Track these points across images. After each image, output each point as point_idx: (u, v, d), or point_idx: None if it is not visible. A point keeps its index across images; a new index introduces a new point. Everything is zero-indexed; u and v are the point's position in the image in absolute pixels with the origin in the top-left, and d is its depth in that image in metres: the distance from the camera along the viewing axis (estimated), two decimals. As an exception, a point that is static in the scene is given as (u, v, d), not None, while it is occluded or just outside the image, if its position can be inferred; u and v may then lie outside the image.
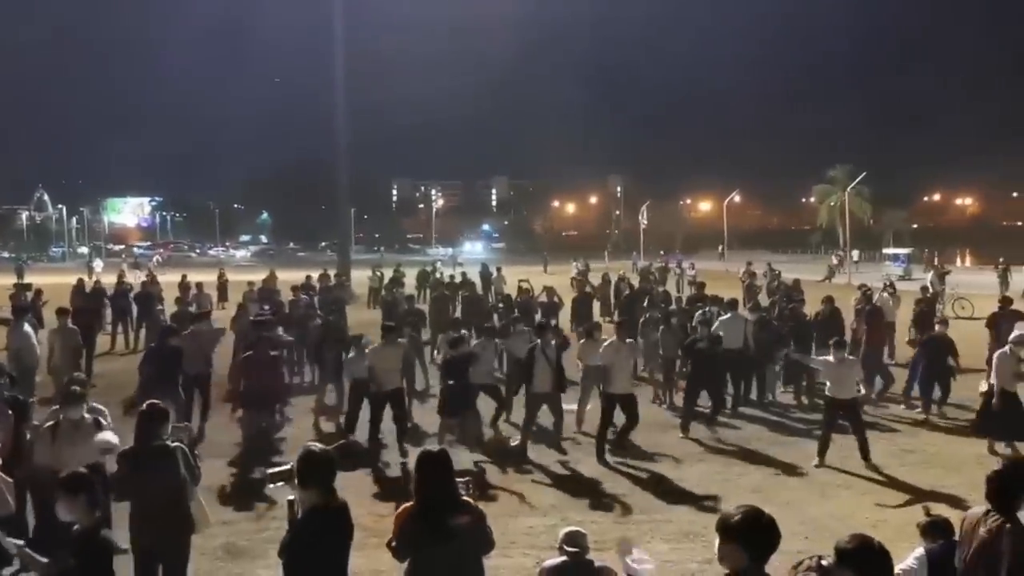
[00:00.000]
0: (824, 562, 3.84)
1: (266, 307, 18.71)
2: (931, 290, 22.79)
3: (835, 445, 11.69)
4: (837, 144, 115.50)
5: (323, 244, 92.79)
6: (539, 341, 11.87)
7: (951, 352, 13.31)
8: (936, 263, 35.03)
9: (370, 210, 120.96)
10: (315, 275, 26.78)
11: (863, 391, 11.97)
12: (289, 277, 28.66)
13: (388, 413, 11.58)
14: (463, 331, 13.59)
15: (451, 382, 11.35)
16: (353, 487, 9.55)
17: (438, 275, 31.46)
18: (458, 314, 20.38)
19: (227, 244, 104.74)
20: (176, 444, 6.29)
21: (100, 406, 8.09)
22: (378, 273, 31.38)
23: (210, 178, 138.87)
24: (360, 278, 32.97)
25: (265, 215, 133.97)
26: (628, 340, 12.18)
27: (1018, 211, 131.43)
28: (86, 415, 7.43)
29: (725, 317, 14.42)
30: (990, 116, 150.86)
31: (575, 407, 12.59)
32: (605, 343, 11.97)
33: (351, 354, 12.51)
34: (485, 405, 12.26)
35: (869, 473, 10.46)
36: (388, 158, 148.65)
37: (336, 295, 22.97)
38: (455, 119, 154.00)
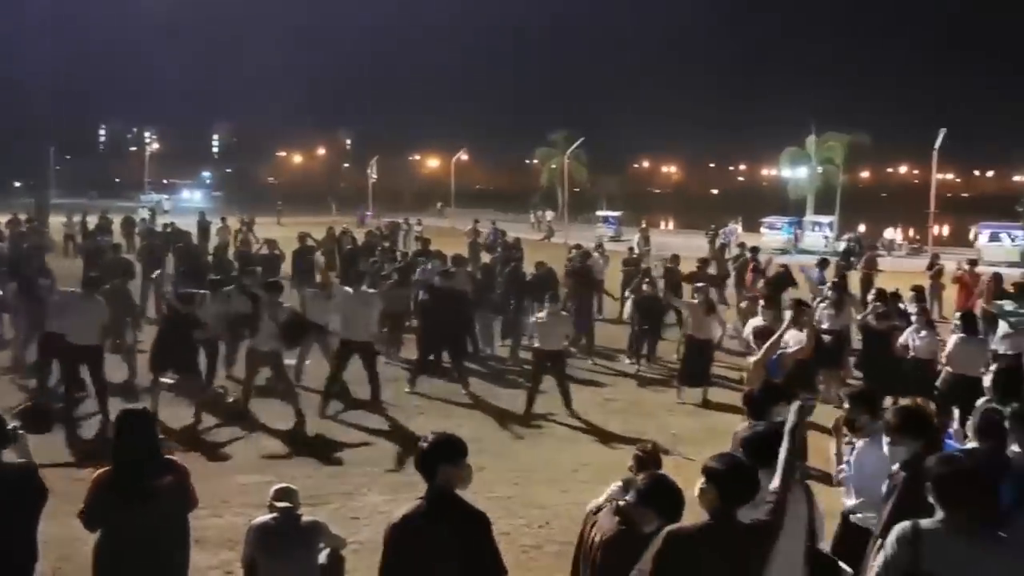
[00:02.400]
0: (621, 503, 4.13)
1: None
2: (637, 251, 24.59)
3: (543, 396, 12.39)
4: (558, 108, 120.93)
5: (17, 184, 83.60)
6: (265, 296, 11.56)
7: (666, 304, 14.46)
8: (643, 226, 37.75)
9: (74, 150, 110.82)
10: (3, 220, 24.31)
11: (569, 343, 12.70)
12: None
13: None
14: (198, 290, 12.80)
15: (173, 337, 10.78)
16: (47, 450, 8.84)
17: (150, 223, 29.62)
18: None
19: None
20: None
21: None
22: (74, 219, 28.84)
23: None
24: (57, 224, 30.18)
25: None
26: (366, 289, 12.27)
27: (715, 180, 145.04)
28: None
29: (431, 268, 14.73)
30: (693, 91, 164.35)
31: (294, 362, 12.39)
32: (340, 293, 11.94)
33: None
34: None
35: (573, 421, 11.17)
36: (97, 95, 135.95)
37: (34, 242, 20.93)
38: (174, 59, 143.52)
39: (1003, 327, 11.54)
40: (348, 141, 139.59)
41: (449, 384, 12.89)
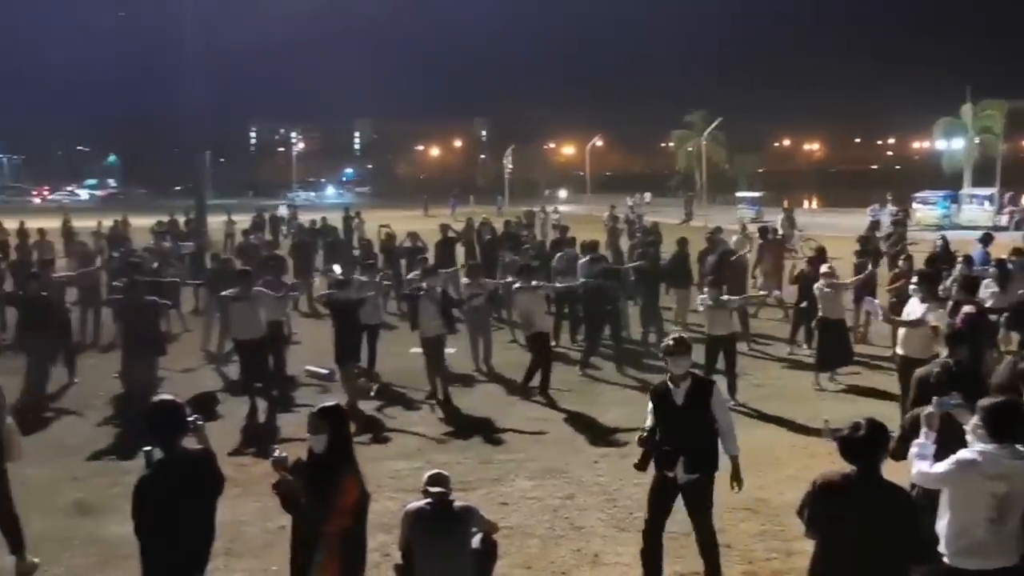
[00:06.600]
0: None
1: (114, 255, 18.00)
2: (780, 232, 23.85)
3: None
4: (695, 90, 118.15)
5: (177, 188, 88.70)
6: (424, 284, 11.85)
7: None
8: (786, 206, 36.54)
9: (227, 153, 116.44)
10: (166, 220, 25.95)
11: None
12: (145, 223, 27.54)
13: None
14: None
15: (341, 327, 11.09)
16: (215, 437, 9.35)
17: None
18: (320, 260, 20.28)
19: (69, 188, 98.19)
20: None
21: None
22: (233, 219, 30.33)
23: (52, 118, 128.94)
24: (216, 224, 31.81)
25: (113, 158, 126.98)
26: (537, 282, 12.61)
27: (860, 156, 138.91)
28: None
29: (584, 260, 14.65)
30: (836, 63, 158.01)
31: (454, 350, 12.75)
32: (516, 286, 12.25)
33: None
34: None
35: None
36: (246, 99, 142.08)
37: (194, 242, 22.13)
38: (316, 60, 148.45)
39: None
40: (484, 132, 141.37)
41: (591, 370, 12.90)
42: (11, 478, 6.66)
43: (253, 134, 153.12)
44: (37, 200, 79.51)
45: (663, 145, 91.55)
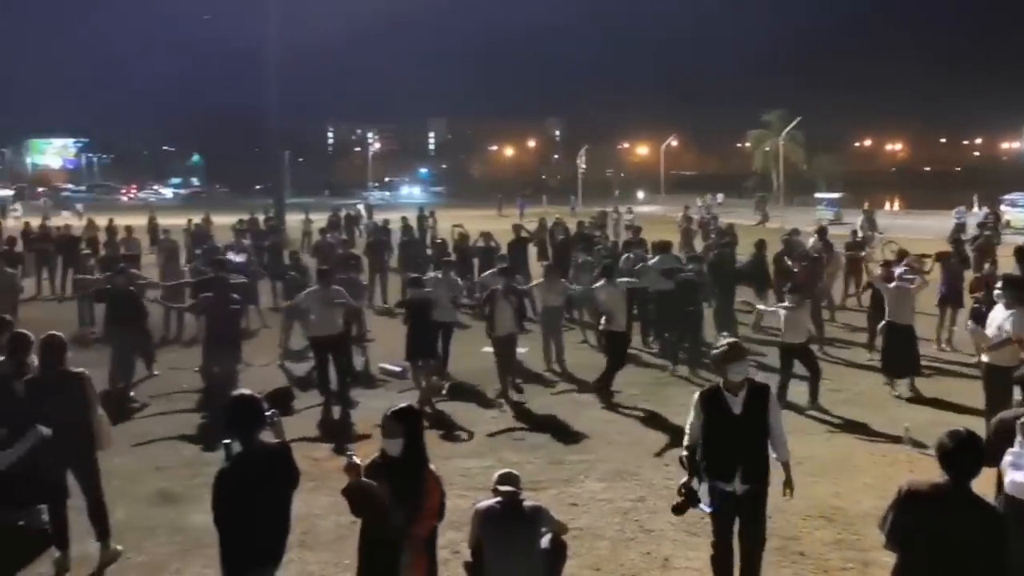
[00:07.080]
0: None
1: (197, 252, 18.51)
2: (860, 234, 23.32)
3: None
4: (770, 89, 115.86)
5: (257, 187, 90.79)
6: (502, 284, 11.93)
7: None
8: (866, 207, 35.64)
9: (305, 153, 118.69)
10: (246, 219, 26.59)
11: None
12: (227, 221, 28.25)
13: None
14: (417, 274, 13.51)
15: (415, 325, 11.27)
16: (291, 431, 9.53)
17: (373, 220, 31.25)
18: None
19: (155, 187, 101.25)
20: (80, 369, 6.67)
21: None
22: (310, 218, 30.93)
23: (139, 119, 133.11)
24: (294, 222, 32.47)
25: (197, 157, 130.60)
26: (622, 280, 12.53)
27: (945, 156, 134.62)
28: None
29: (654, 260, 14.51)
30: (919, 62, 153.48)
31: (525, 350, 12.78)
32: (599, 285, 12.11)
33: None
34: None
35: (798, 412, 10.69)
36: (324, 101, 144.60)
37: (272, 240, 22.63)
38: (391, 61, 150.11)
39: None
40: (557, 132, 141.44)
41: (663, 374, 12.81)
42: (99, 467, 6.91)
43: (330, 134, 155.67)
44: (125, 198, 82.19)
45: (739, 145, 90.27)
